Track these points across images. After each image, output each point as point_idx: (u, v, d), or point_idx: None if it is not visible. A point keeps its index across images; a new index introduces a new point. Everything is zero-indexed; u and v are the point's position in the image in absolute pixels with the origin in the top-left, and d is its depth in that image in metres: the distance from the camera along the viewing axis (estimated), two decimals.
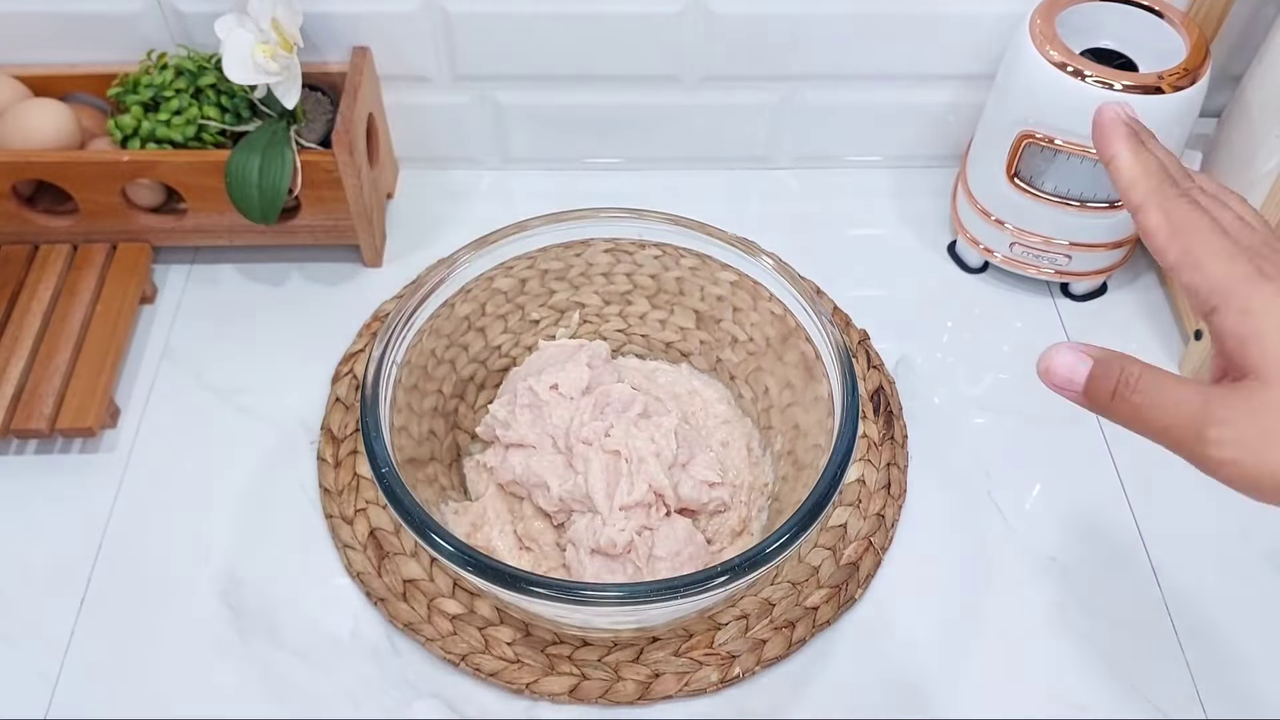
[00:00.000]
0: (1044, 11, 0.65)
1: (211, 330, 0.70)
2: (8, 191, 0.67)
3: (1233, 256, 0.33)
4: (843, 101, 0.77)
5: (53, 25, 0.70)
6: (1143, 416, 0.34)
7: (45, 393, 0.62)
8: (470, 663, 0.55)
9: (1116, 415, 0.34)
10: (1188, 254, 0.34)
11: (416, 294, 0.57)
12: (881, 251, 0.76)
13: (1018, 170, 0.67)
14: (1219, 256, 0.33)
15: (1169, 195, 0.35)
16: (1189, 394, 0.33)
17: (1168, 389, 0.33)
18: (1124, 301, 0.73)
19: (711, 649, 0.56)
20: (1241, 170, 0.70)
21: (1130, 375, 0.34)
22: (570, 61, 0.73)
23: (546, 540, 0.57)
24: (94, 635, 0.56)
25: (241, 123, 0.68)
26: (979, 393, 0.68)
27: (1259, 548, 0.61)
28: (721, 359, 0.65)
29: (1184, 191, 0.35)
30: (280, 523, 0.61)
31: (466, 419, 0.64)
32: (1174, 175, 0.36)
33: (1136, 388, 0.33)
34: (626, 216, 0.61)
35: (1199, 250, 0.33)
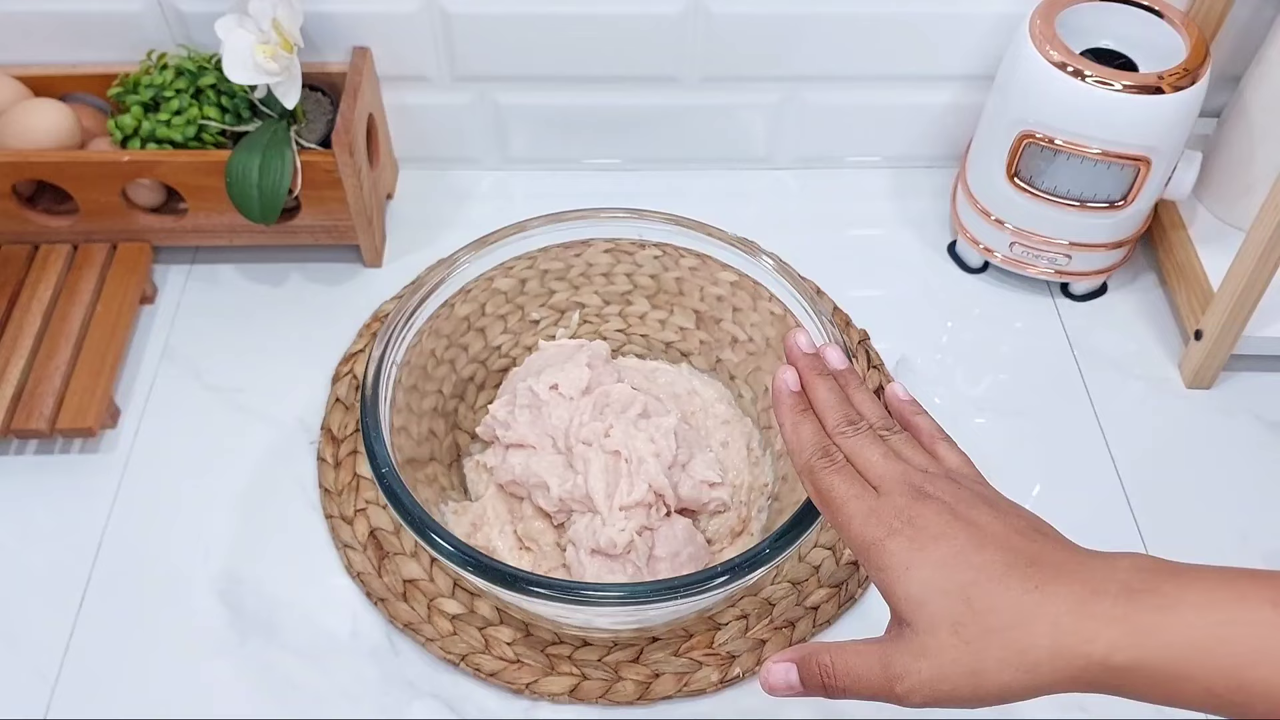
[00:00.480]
0: (1044, 11, 0.65)
1: (211, 330, 0.70)
2: (8, 191, 0.67)
3: (866, 521, 0.39)
4: (843, 101, 0.77)
5: (53, 25, 0.70)
6: (851, 693, 0.38)
7: (45, 393, 0.62)
8: (470, 663, 0.55)
9: (835, 698, 0.39)
10: (835, 521, 0.40)
11: (416, 294, 0.57)
12: (881, 251, 0.76)
13: (1018, 170, 0.67)
14: (853, 521, 0.39)
15: (816, 469, 0.42)
16: (871, 662, 0.37)
17: (854, 665, 0.38)
18: (1124, 301, 0.73)
19: (711, 649, 0.56)
20: (1241, 170, 0.71)
21: (825, 665, 0.39)
22: (570, 61, 0.73)
23: (546, 540, 0.57)
24: (93, 635, 0.56)
25: (242, 123, 0.68)
26: (979, 393, 0.68)
27: (1259, 548, 0.61)
28: (721, 359, 0.65)
29: (830, 462, 0.42)
30: (280, 523, 0.61)
31: (466, 419, 0.64)
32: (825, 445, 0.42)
33: (834, 674, 0.38)
34: (626, 216, 0.61)
35: (841, 518, 0.40)
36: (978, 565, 0.36)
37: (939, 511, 0.38)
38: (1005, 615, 0.35)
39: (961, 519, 0.38)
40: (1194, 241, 0.70)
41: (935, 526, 0.38)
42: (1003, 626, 0.35)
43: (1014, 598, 0.35)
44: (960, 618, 0.35)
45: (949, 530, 0.37)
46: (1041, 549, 0.37)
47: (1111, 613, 0.34)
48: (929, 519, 0.38)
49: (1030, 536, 0.38)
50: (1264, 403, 0.67)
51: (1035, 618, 0.35)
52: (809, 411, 0.44)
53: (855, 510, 0.39)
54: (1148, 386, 0.68)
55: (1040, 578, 0.35)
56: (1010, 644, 0.35)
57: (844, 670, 0.38)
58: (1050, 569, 0.36)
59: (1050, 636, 0.34)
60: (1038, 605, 0.35)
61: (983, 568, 0.36)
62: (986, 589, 0.35)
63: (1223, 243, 0.69)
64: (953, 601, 0.36)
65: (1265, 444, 0.66)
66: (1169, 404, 0.68)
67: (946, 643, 0.35)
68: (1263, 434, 0.66)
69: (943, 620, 0.36)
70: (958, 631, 0.35)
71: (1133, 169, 0.64)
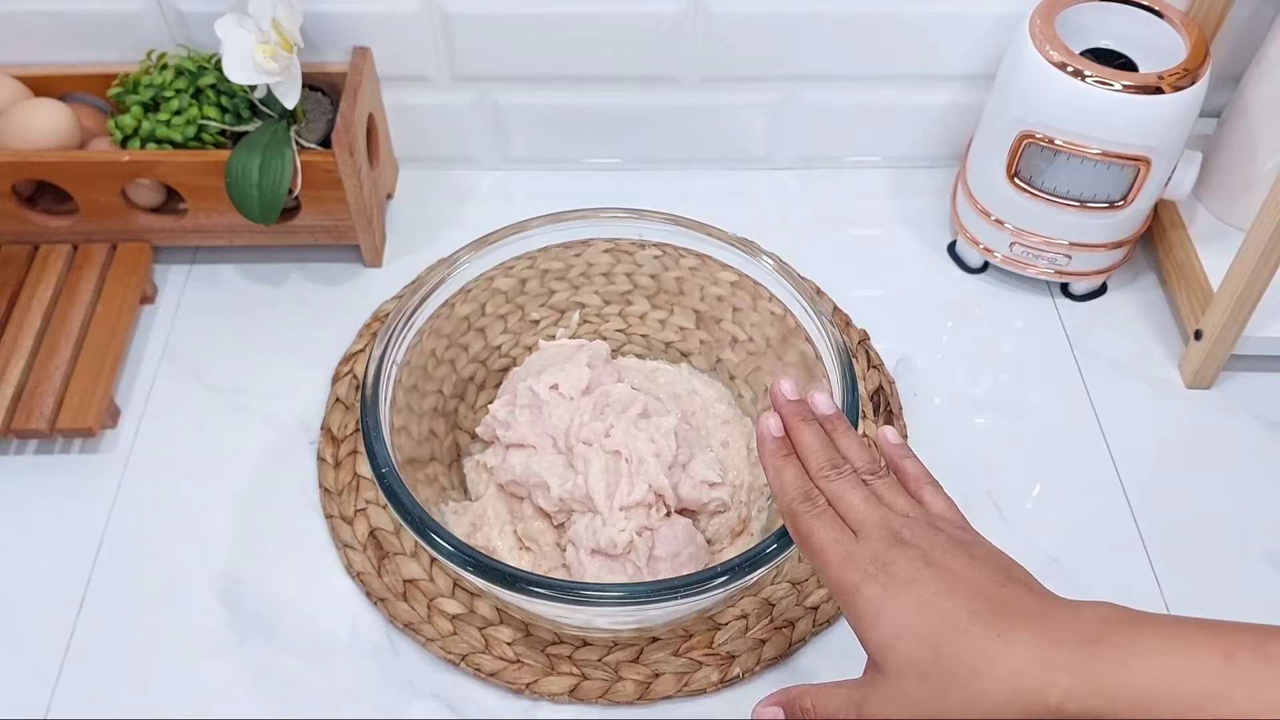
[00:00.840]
0: (1044, 11, 0.65)
1: (211, 330, 0.70)
2: (8, 191, 0.67)
3: (843, 566, 0.40)
4: (843, 101, 0.77)
5: (53, 25, 0.70)
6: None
7: (45, 393, 0.62)
8: (470, 663, 0.55)
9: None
10: (815, 565, 0.42)
11: (416, 294, 0.57)
12: (881, 251, 0.76)
13: (1018, 170, 0.67)
14: (831, 566, 0.41)
15: (799, 513, 0.43)
16: (847, 704, 0.40)
17: (832, 707, 0.40)
18: (1124, 301, 0.73)
19: (711, 649, 0.56)
20: (1241, 170, 0.71)
21: (806, 709, 0.41)
22: (570, 61, 0.73)
23: (546, 540, 0.57)
24: (93, 635, 0.56)
25: (241, 123, 0.68)
26: (979, 393, 0.68)
27: (1259, 548, 0.61)
28: (721, 359, 0.65)
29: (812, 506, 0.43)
30: (280, 523, 0.61)
31: (466, 419, 0.64)
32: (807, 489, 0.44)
33: (815, 710, 0.41)
34: (626, 216, 0.61)
35: (820, 564, 0.41)
36: (944, 612, 0.37)
37: (912, 559, 0.39)
38: (968, 662, 0.36)
39: (934, 565, 0.39)
40: (1194, 241, 0.70)
41: (907, 573, 0.39)
42: (965, 674, 0.36)
43: (978, 645, 0.36)
44: (926, 664, 0.37)
45: (920, 577, 0.39)
46: (1010, 595, 0.38)
47: (1068, 661, 0.35)
48: (902, 565, 0.39)
49: (1001, 583, 0.38)
50: (1264, 403, 0.67)
51: (995, 665, 0.35)
52: (791, 456, 0.45)
53: (833, 555, 0.41)
54: (1148, 386, 0.68)
55: (1004, 625, 0.36)
56: (971, 691, 0.36)
57: (823, 705, 0.40)
58: (1014, 617, 0.37)
59: (1009, 683, 0.35)
60: (1000, 653, 0.36)
61: (949, 615, 0.37)
62: (951, 636, 0.37)
63: (1223, 243, 0.69)
64: (919, 648, 0.37)
65: (1265, 444, 0.66)
66: (1169, 404, 0.68)
67: (913, 688, 0.37)
68: (1263, 434, 0.66)
69: (910, 666, 0.37)
70: (923, 678, 0.37)
71: (1133, 169, 0.64)
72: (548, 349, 0.64)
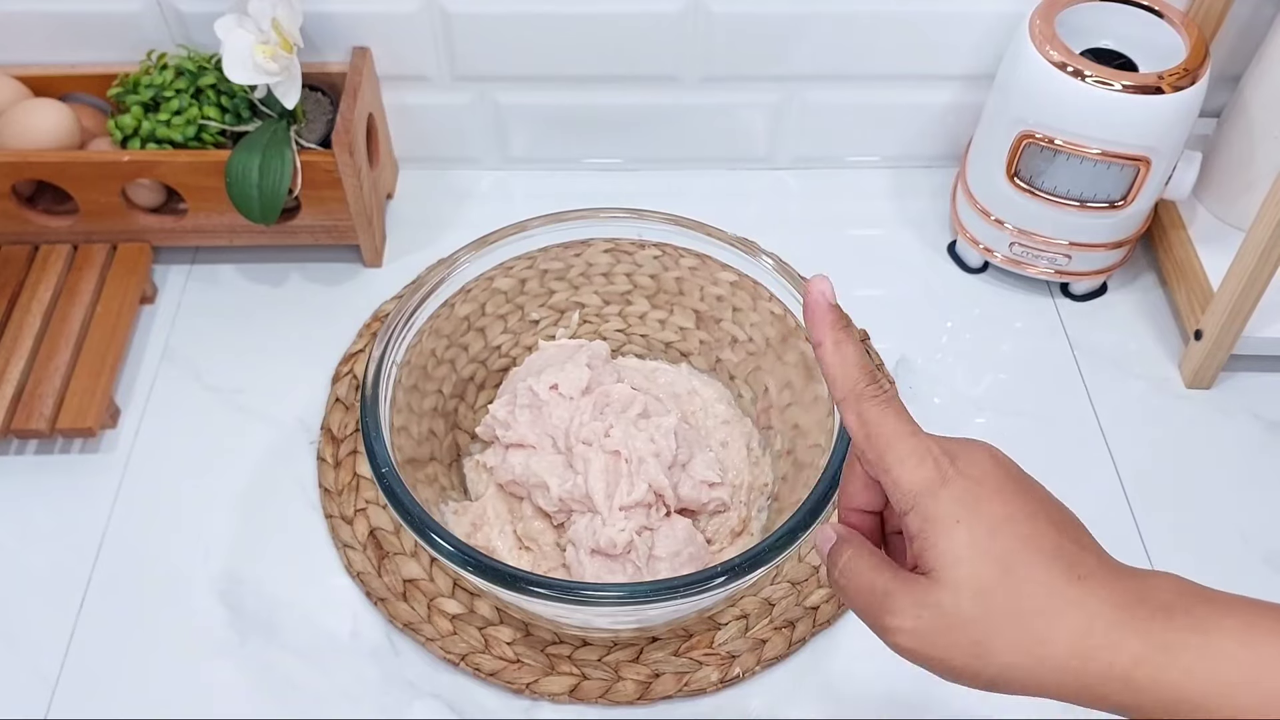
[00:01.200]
0: (1044, 11, 0.65)
1: (211, 330, 0.70)
2: (8, 191, 0.67)
3: (920, 460, 0.35)
4: (843, 101, 0.77)
5: (53, 25, 0.70)
6: (845, 595, 0.37)
7: (45, 393, 0.62)
8: (470, 663, 0.55)
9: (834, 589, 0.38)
10: (881, 460, 0.36)
11: (416, 294, 0.57)
12: (881, 251, 0.76)
13: (1017, 170, 0.67)
14: (905, 462, 0.35)
15: (865, 395, 0.37)
16: (878, 582, 0.36)
17: (863, 575, 0.36)
18: (1124, 301, 0.73)
19: (711, 649, 0.56)
20: (1241, 170, 0.70)
21: (840, 558, 0.37)
22: (570, 61, 0.73)
23: (546, 540, 0.57)
24: (94, 635, 0.56)
25: (241, 123, 0.68)
26: (979, 393, 0.68)
27: (1259, 549, 0.61)
28: (721, 359, 0.65)
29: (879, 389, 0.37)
30: (280, 523, 0.61)
31: (466, 419, 0.64)
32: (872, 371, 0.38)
33: (843, 570, 0.37)
34: (626, 216, 0.61)
35: (889, 457, 0.36)
36: (1026, 536, 0.34)
37: (995, 463, 0.36)
38: (1039, 597, 0.33)
39: (1014, 479, 0.35)
40: (1194, 241, 0.70)
41: (993, 481, 0.35)
42: (1032, 609, 0.33)
43: (1054, 581, 0.33)
44: (991, 584, 0.33)
45: (1004, 489, 0.35)
46: (1088, 543, 0.35)
47: (1148, 626, 0.32)
48: (985, 470, 0.35)
49: (1073, 521, 0.35)
50: (1263, 403, 0.67)
51: (1069, 609, 0.32)
52: (852, 328, 0.39)
53: (907, 450, 0.36)
54: (1148, 386, 0.68)
55: (1085, 569, 0.33)
56: (1031, 628, 0.33)
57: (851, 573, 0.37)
58: (1095, 563, 0.34)
59: (1076, 632, 0.32)
60: (1078, 598, 0.33)
61: (1031, 540, 0.34)
62: (1029, 562, 0.33)
63: (1222, 242, 0.69)
64: (990, 566, 0.33)
65: (1265, 444, 0.66)
66: (1169, 404, 0.68)
67: (965, 604, 0.33)
68: (1262, 434, 0.66)
69: (971, 582, 0.33)
70: (983, 597, 0.33)
71: (1132, 169, 0.64)
72: (548, 349, 0.64)
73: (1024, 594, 0.33)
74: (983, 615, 0.33)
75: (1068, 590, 0.33)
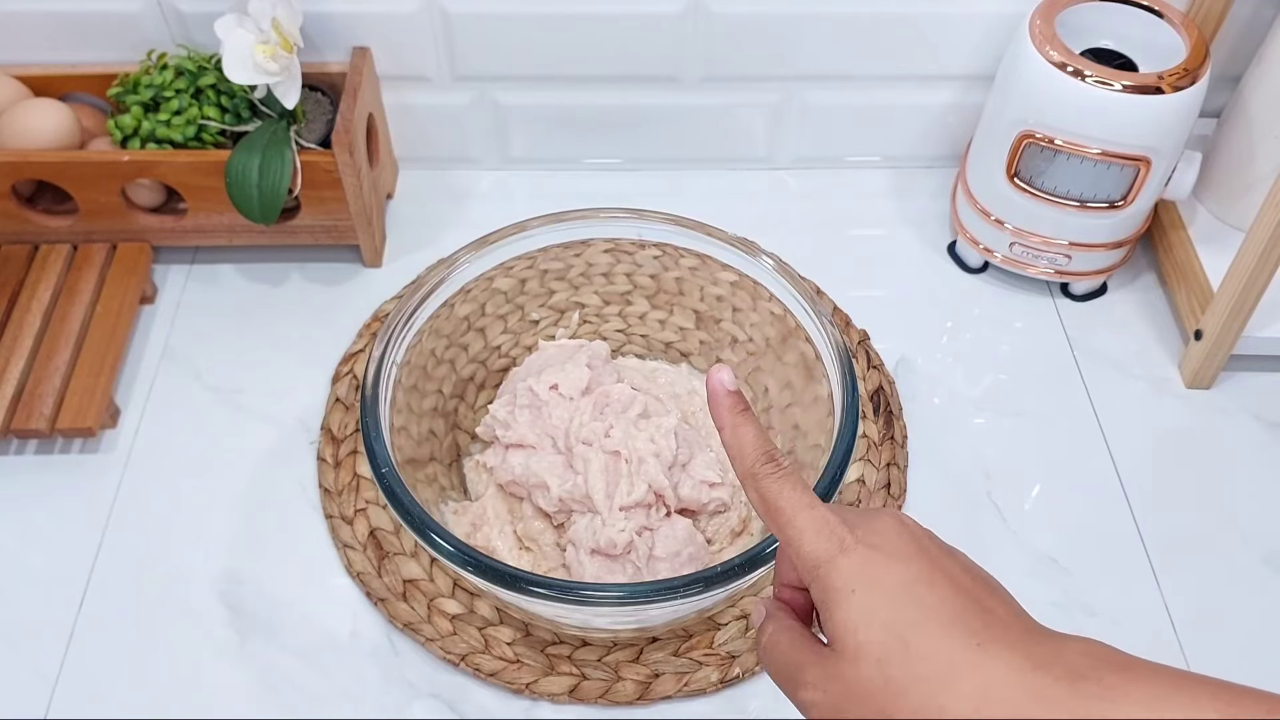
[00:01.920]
0: (1044, 12, 0.65)
1: (211, 330, 0.70)
2: (8, 191, 0.67)
3: (817, 531, 0.36)
4: (843, 101, 0.77)
5: (53, 25, 0.70)
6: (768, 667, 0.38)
7: (45, 393, 0.62)
8: (470, 663, 0.55)
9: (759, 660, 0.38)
10: (783, 533, 0.37)
11: (416, 294, 0.57)
12: (881, 251, 0.76)
13: (1017, 170, 0.67)
14: (805, 534, 0.36)
15: (763, 474, 0.38)
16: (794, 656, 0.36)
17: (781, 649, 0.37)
18: (1124, 301, 0.73)
19: (711, 649, 0.56)
20: (1241, 170, 0.70)
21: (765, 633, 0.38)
22: (570, 61, 0.73)
23: (546, 540, 0.57)
24: (93, 635, 0.56)
25: (241, 123, 0.68)
26: (979, 393, 0.68)
27: (1259, 549, 0.61)
28: (721, 359, 0.65)
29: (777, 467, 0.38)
30: (280, 523, 0.61)
31: (466, 419, 0.64)
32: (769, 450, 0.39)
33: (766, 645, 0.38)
34: (626, 216, 0.61)
35: (790, 531, 0.36)
36: (927, 604, 0.33)
37: (896, 530, 0.36)
38: (938, 664, 0.32)
39: (919, 546, 0.35)
40: (1194, 241, 0.70)
41: (893, 548, 0.35)
42: (931, 675, 0.32)
43: (953, 648, 0.32)
44: (890, 653, 0.33)
45: (904, 556, 0.35)
46: (995, 606, 0.34)
47: (1050, 693, 0.31)
48: (885, 537, 0.35)
49: (986, 589, 0.35)
50: (1263, 403, 0.67)
51: (967, 675, 0.32)
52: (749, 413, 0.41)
53: (806, 522, 0.36)
54: (1147, 386, 0.69)
55: (986, 635, 0.33)
56: (931, 696, 0.32)
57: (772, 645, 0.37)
58: (998, 628, 0.33)
59: (977, 699, 0.31)
60: (976, 664, 0.32)
61: (931, 608, 0.33)
62: (927, 631, 0.33)
63: (1222, 243, 0.69)
64: (887, 633, 0.33)
65: (1265, 444, 0.66)
66: (1169, 404, 0.68)
67: (866, 675, 0.33)
68: (1262, 434, 0.66)
69: (871, 650, 0.33)
70: (882, 668, 0.33)
71: (1133, 169, 0.64)
72: (548, 349, 0.64)
73: (921, 662, 0.32)
74: (883, 685, 0.33)
75: (966, 656, 0.32)
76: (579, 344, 0.64)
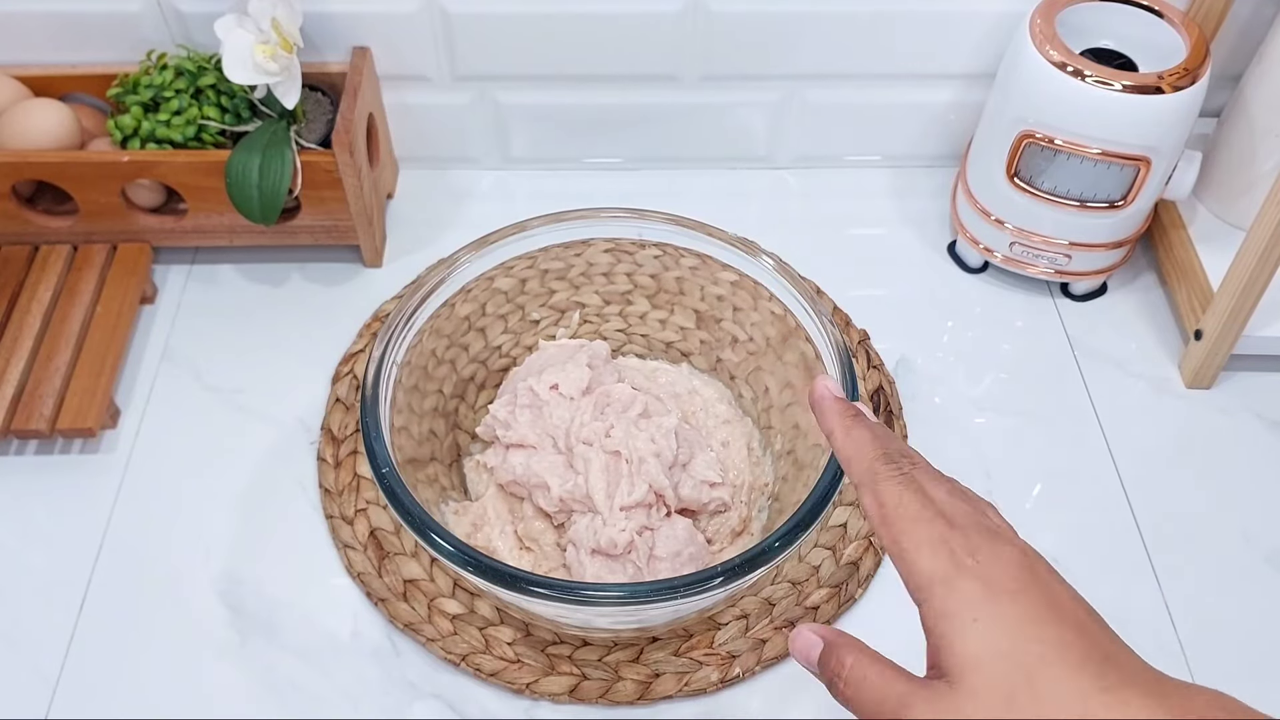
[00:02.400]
0: (1044, 11, 0.65)
1: (211, 331, 0.70)
2: (8, 192, 0.67)
3: (935, 550, 0.34)
4: (843, 101, 0.77)
5: (52, 25, 0.70)
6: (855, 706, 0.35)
7: (45, 393, 0.62)
8: (471, 663, 0.55)
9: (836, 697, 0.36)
10: (896, 544, 0.35)
11: (417, 294, 0.57)
12: (881, 251, 0.76)
13: (1017, 170, 0.67)
14: (922, 549, 0.34)
15: (881, 476, 0.36)
16: (891, 690, 0.34)
17: (873, 685, 0.34)
18: (1124, 301, 0.73)
19: (711, 649, 0.56)
20: (1241, 170, 0.71)
21: (843, 666, 0.35)
22: (570, 61, 0.73)
23: (547, 540, 0.57)
24: (94, 636, 0.56)
25: (241, 123, 0.68)
26: (979, 393, 0.68)
27: (1259, 548, 0.61)
28: (721, 359, 0.65)
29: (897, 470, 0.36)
30: (280, 523, 0.61)
31: (467, 419, 0.64)
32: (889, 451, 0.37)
33: (847, 679, 0.35)
34: (626, 216, 0.61)
35: (905, 542, 0.34)
36: (1050, 640, 0.32)
37: (1019, 562, 0.33)
38: (1067, 708, 0.30)
39: (1039, 579, 0.33)
40: (1194, 241, 0.70)
41: (1011, 577, 0.33)
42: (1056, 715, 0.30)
43: (1082, 691, 0.31)
44: (1015, 691, 0.31)
45: (1027, 587, 0.33)
46: (1117, 649, 0.33)
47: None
48: (1006, 566, 0.33)
49: (1101, 625, 0.33)
50: (1264, 402, 0.67)
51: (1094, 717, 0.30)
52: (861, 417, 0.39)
53: (924, 535, 0.34)
54: (1148, 386, 0.69)
55: (1115, 678, 0.31)
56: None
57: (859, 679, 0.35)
58: (1126, 674, 0.31)
59: None
60: (1105, 708, 0.30)
61: (1055, 645, 0.31)
62: (1054, 671, 0.31)
63: (1223, 242, 0.69)
64: (1013, 672, 0.31)
65: (1265, 444, 0.66)
66: (1169, 404, 0.68)
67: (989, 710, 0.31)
68: (1263, 434, 0.66)
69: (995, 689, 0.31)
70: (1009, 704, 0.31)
71: (1133, 169, 0.64)
72: (548, 349, 0.64)
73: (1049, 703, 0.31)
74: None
75: (1097, 700, 0.30)
76: (579, 344, 0.64)
